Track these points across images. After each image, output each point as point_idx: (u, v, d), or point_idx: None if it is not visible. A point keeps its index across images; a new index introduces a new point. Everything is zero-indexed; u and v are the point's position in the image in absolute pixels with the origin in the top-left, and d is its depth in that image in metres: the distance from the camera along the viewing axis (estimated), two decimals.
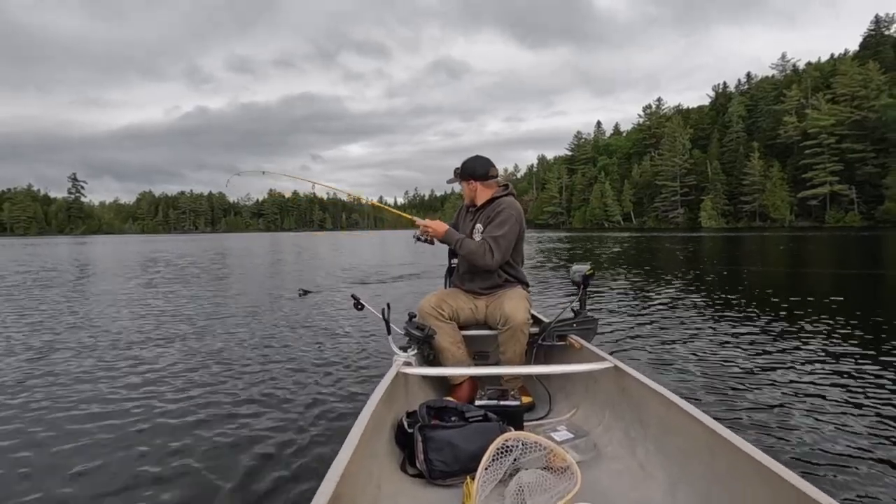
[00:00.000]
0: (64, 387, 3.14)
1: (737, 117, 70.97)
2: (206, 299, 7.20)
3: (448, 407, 1.85)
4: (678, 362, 3.49)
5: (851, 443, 2.17)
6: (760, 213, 61.96)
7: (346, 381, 3.22)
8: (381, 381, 1.89)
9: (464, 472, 1.58)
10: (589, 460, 1.74)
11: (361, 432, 1.41)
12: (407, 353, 2.22)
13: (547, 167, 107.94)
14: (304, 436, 2.37)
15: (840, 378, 3.06)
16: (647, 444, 1.70)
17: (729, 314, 5.24)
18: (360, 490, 1.36)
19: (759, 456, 1.20)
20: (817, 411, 2.53)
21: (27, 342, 4.42)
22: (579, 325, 2.44)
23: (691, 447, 1.48)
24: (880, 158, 51.83)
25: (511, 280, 2.53)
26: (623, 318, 5.15)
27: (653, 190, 76.39)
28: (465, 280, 2.59)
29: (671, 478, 1.53)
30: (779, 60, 74.99)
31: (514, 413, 1.95)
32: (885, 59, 57.84)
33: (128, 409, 2.75)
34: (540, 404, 2.31)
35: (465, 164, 2.60)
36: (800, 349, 3.75)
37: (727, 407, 2.63)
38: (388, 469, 1.66)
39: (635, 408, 1.84)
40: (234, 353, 4.04)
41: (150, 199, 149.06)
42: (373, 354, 3.87)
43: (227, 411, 2.72)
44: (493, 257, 2.37)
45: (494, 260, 2.38)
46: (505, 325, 2.26)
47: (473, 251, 2.39)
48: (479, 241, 2.42)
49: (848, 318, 4.86)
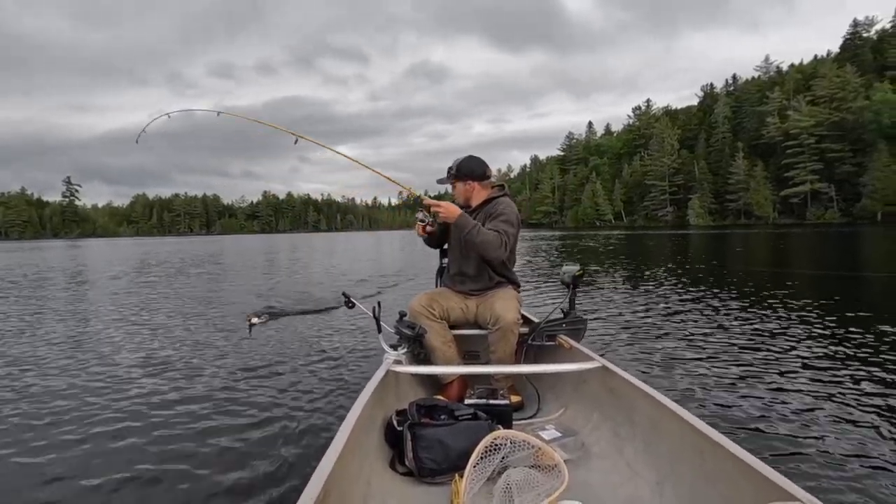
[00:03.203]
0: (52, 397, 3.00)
1: (723, 118, 73.22)
2: (189, 299, 7.36)
3: (438, 405, 1.85)
4: (667, 362, 3.50)
5: (838, 442, 2.19)
6: (745, 211, 64.24)
7: (335, 379, 3.22)
8: (371, 379, 1.91)
9: (453, 470, 1.60)
10: (577, 459, 1.75)
11: (351, 430, 1.42)
12: (397, 352, 2.22)
13: (540, 167, 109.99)
14: (293, 433, 2.37)
15: (827, 376, 3.10)
16: (635, 444, 1.71)
17: (717, 314, 5.26)
18: (349, 487, 1.37)
19: (745, 456, 1.21)
20: (804, 411, 2.54)
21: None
22: (569, 325, 2.45)
23: (679, 447, 1.49)
24: (857, 158, 54.30)
25: (502, 281, 2.52)
26: (612, 319, 5.16)
27: (642, 189, 78.75)
28: (456, 282, 2.56)
29: (659, 477, 1.53)
30: (762, 62, 77.54)
31: (504, 412, 1.97)
32: (864, 62, 60.36)
33: (112, 407, 2.77)
34: (529, 404, 2.30)
35: (461, 164, 2.53)
36: (787, 348, 3.79)
37: (715, 407, 2.64)
38: (378, 467, 1.66)
39: (623, 407, 1.85)
40: (221, 350, 4.08)
41: (145, 202, 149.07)
42: (363, 352, 3.87)
43: (215, 409, 2.72)
44: (505, 251, 2.36)
45: (505, 254, 2.38)
46: (495, 325, 2.26)
47: (490, 241, 2.31)
48: (495, 232, 2.34)
49: (832, 314, 4.94)
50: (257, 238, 70.64)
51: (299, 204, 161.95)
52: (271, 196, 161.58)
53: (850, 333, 4.16)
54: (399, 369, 2.07)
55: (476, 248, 2.37)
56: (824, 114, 58.09)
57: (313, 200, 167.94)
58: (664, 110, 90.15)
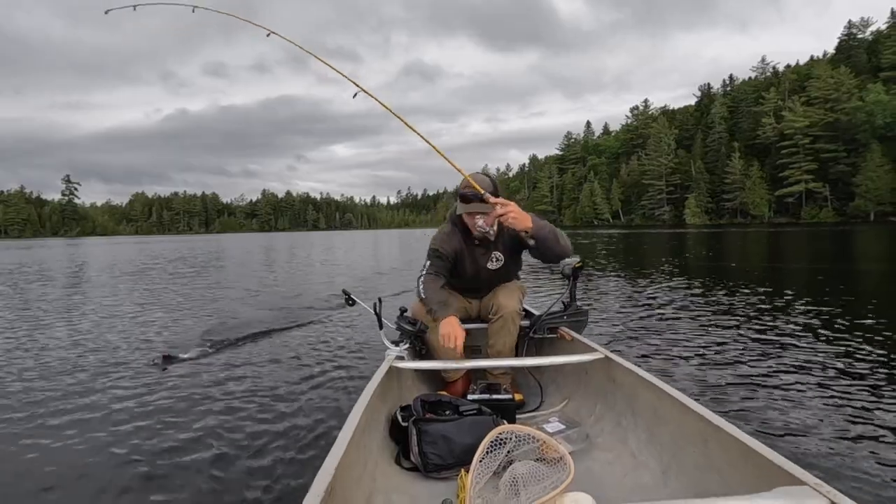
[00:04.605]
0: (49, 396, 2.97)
1: (719, 118, 73.84)
2: (193, 296, 7.46)
3: (442, 401, 1.86)
4: (669, 352, 3.52)
5: (843, 427, 2.18)
6: (741, 210, 65.05)
7: (338, 376, 3.23)
8: (373, 375, 1.90)
9: (458, 465, 1.60)
10: (581, 450, 1.75)
11: (355, 426, 1.42)
12: (399, 348, 2.20)
13: (538, 167, 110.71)
14: (298, 430, 2.37)
15: (829, 361, 3.14)
16: (639, 433, 1.71)
17: (715, 305, 5.37)
18: (354, 483, 1.37)
19: (750, 441, 1.20)
20: (807, 397, 2.54)
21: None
22: (570, 317, 2.44)
23: (683, 435, 1.48)
24: (851, 158, 55.04)
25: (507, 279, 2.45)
26: (613, 310, 5.24)
27: (640, 189, 79.48)
28: (462, 292, 2.47)
29: (663, 465, 1.53)
30: (759, 63, 78.29)
31: (507, 406, 1.98)
32: (859, 63, 61.09)
33: (115, 404, 2.78)
34: (532, 397, 2.30)
35: (490, 180, 2.16)
36: (786, 337, 3.87)
37: (718, 395, 2.64)
38: (383, 462, 1.67)
39: (626, 397, 1.85)
40: (226, 347, 4.07)
41: (144, 201, 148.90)
42: (364, 349, 3.88)
43: (220, 406, 2.73)
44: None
45: None
46: (496, 314, 2.24)
47: (568, 246, 2.10)
48: (556, 230, 2.09)
49: (828, 307, 5.08)
50: (257, 236, 70.93)
51: (298, 202, 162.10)
52: (270, 195, 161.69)
53: (846, 323, 4.29)
54: (401, 365, 2.07)
55: (556, 256, 2.11)
56: (819, 114, 58.80)
57: (312, 199, 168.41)
58: (661, 110, 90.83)
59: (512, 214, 1.92)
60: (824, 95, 59.99)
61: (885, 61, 57.72)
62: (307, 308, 6.10)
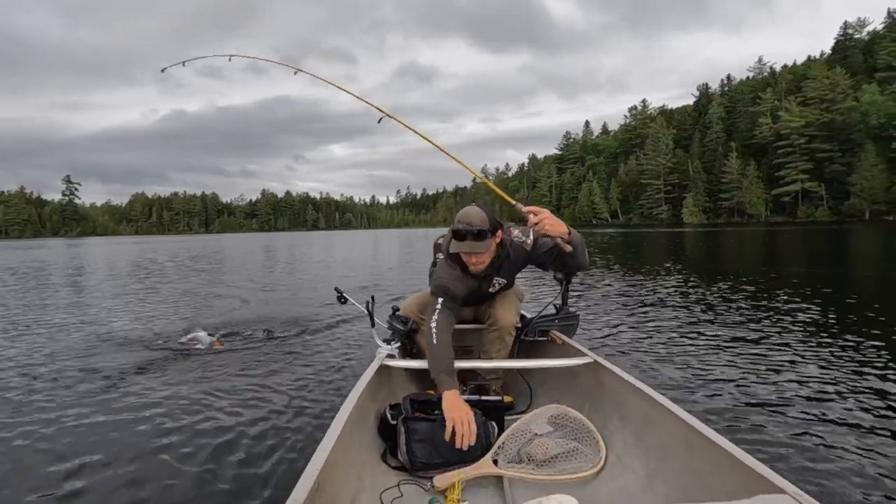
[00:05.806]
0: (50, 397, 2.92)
1: (717, 118, 74.38)
2: (184, 296, 7.47)
3: (432, 400, 1.86)
4: (658, 358, 3.52)
5: (824, 435, 2.20)
6: (738, 210, 65.60)
7: (329, 373, 3.23)
8: (364, 373, 1.91)
9: (445, 464, 1.63)
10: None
11: (344, 423, 1.43)
12: (390, 346, 2.22)
13: (538, 166, 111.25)
14: (287, 426, 2.38)
15: (815, 370, 3.12)
16: (626, 438, 1.72)
17: (708, 310, 5.28)
18: (341, 479, 1.38)
19: (733, 450, 1.22)
20: (793, 406, 2.55)
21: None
22: (561, 320, 2.45)
23: (669, 441, 1.50)
24: (846, 158, 55.69)
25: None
26: (605, 315, 5.19)
27: (638, 188, 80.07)
28: (461, 306, 2.27)
29: (648, 470, 1.55)
30: (756, 63, 78.72)
31: (496, 407, 1.99)
32: (854, 64, 61.65)
33: (106, 405, 2.74)
34: (521, 398, 2.31)
35: (490, 219, 1.98)
36: (775, 343, 3.82)
37: (704, 402, 2.65)
38: (370, 460, 1.68)
39: (614, 402, 1.87)
40: (212, 346, 4.02)
41: (144, 201, 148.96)
42: (356, 347, 3.89)
43: (208, 402, 2.73)
44: None
45: None
46: (493, 326, 2.25)
47: (587, 259, 2.08)
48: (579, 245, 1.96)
49: (820, 309, 5.01)
50: (257, 236, 71.09)
51: (298, 202, 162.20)
52: (270, 194, 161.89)
53: (837, 328, 4.26)
54: (392, 363, 2.08)
55: (586, 263, 2.08)
56: (814, 115, 59.43)
57: (312, 199, 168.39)
58: (660, 110, 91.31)
59: (548, 222, 1.85)
60: (820, 96, 60.64)
61: (881, 62, 58.36)
62: (301, 306, 6.18)
